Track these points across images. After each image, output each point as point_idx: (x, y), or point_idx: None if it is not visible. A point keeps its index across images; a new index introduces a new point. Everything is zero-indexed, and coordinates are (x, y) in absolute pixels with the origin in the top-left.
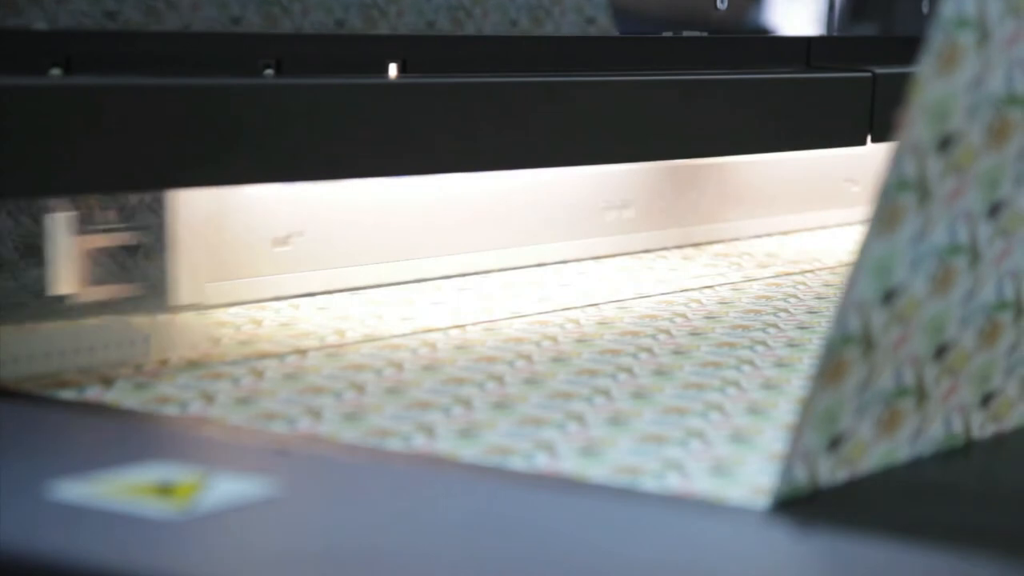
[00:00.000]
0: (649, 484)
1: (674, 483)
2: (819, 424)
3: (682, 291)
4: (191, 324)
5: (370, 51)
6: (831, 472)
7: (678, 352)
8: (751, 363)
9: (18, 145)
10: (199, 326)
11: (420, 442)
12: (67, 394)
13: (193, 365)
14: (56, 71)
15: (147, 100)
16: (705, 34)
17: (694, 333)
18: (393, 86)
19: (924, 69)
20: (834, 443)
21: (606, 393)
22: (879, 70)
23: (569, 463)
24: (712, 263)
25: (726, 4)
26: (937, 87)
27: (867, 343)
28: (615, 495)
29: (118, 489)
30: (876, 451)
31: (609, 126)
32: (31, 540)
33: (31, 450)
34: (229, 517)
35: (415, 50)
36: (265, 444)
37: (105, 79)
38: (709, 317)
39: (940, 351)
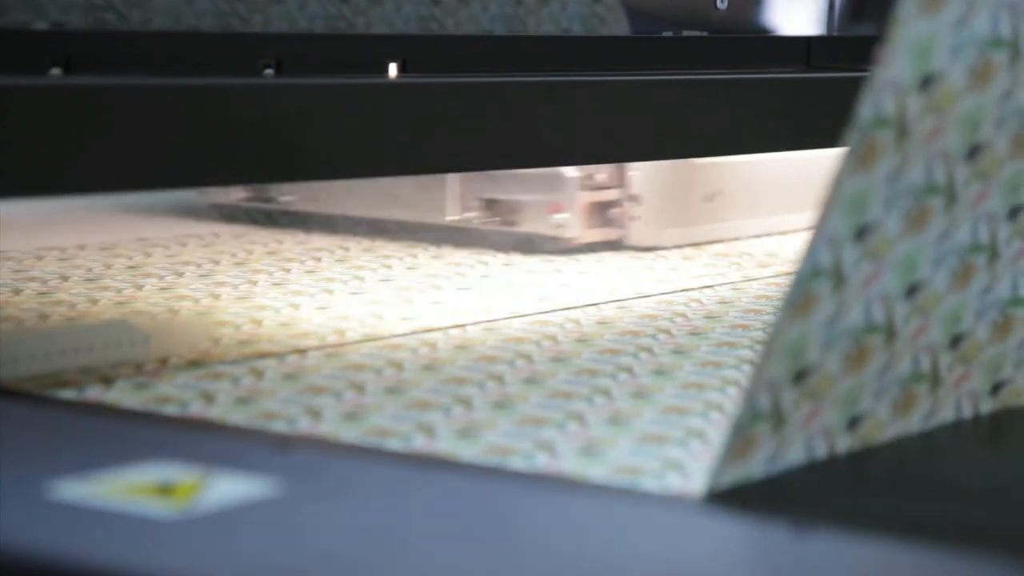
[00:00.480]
0: (649, 484)
1: (674, 482)
2: (785, 355)
3: (682, 291)
4: (192, 324)
5: (370, 51)
6: (795, 404)
7: (678, 352)
8: (751, 363)
9: (18, 145)
10: (200, 326)
11: (420, 442)
12: (66, 394)
13: (193, 365)
14: (56, 71)
15: (147, 100)
16: (705, 34)
17: (694, 333)
18: (393, 86)
19: None
20: (799, 375)
21: (606, 393)
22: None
23: (569, 463)
24: (712, 263)
25: (726, 4)
26: (920, 26)
27: (837, 277)
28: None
29: (118, 489)
30: (843, 386)
31: (609, 126)
32: (31, 540)
33: (31, 450)
34: (229, 517)
35: (415, 50)
36: (265, 444)
37: (105, 79)
38: (709, 317)
39: (911, 290)
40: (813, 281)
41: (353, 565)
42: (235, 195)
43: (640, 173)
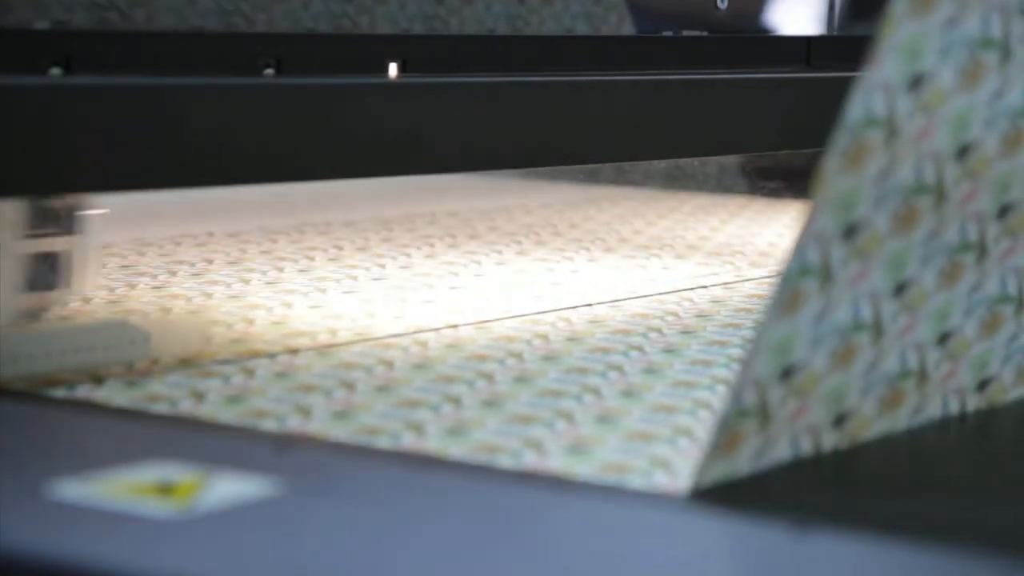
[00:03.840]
0: (636, 482)
1: (661, 480)
2: (772, 352)
3: (675, 291)
4: (190, 323)
5: (370, 51)
6: (782, 401)
7: (669, 351)
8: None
9: (18, 145)
10: (197, 325)
11: (408, 440)
12: (57, 392)
13: (184, 364)
14: (56, 71)
15: (147, 100)
16: (705, 34)
17: (685, 332)
18: (393, 86)
19: None
20: (786, 373)
21: (596, 391)
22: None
23: (557, 461)
24: (705, 262)
25: (726, 4)
26: (910, 27)
27: (825, 275)
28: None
29: (118, 489)
30: (830, 383)
31: (609, 126)
32: (31, 540)
33: (31, 450)
34: (229, 517)
35: (415, 50)
36: (265, 444)
37: (105, 79)
38: (700, 316)
39: (899, 289)
40: (801, 279)
41: (353, 565)
42: None
43: None
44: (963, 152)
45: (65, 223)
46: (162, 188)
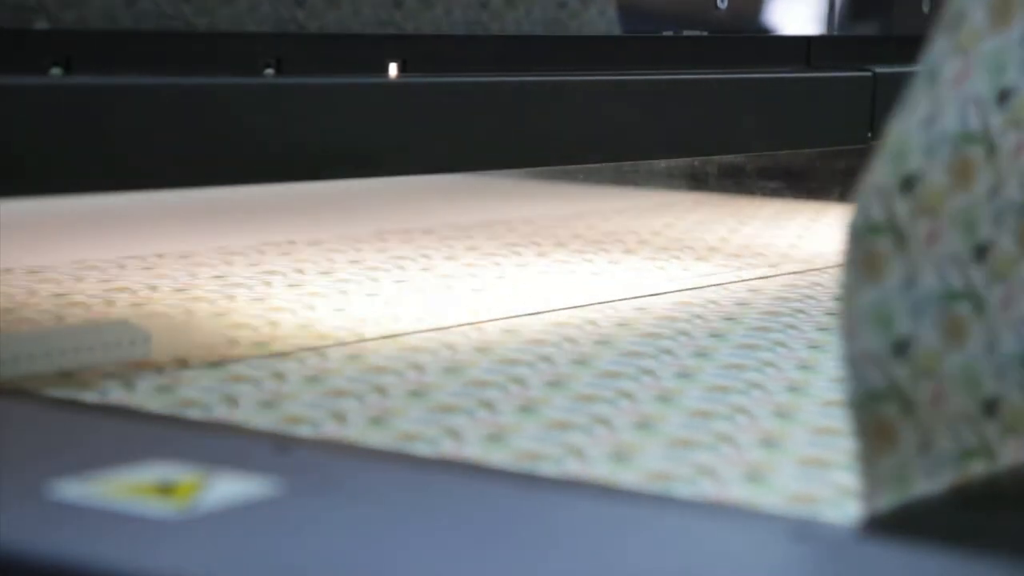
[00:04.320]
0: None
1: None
2: (890, 158)
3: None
4: (196, 325)
5: (370, 51)
6: (910, 218)
7: (700, 354)
8: (774, 365)
9: (18, 145)
10: (207, 326)
11: (448, 446)
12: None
13: (213, 366)
14: (56, 71)
15: (147, 100)
16: (705, 34)
17: (714, 335)
18: (393, 86)
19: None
20: (907, 182)
21: (631, 396)
22: (879, 70)
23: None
24: (724, 263)
25: (726, 4)
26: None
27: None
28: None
29: (118, 489)
30: (954, 203)
31: (609, 126)
32: (31, 540)
33: (31, 450)
34: (229, 517)
35: (415, 50)
36: (265, 444)
37: (105, 79)
38: (728, 319)
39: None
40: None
41: (353, 565)
42: None
43: None
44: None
45: None
46: (162, 188)
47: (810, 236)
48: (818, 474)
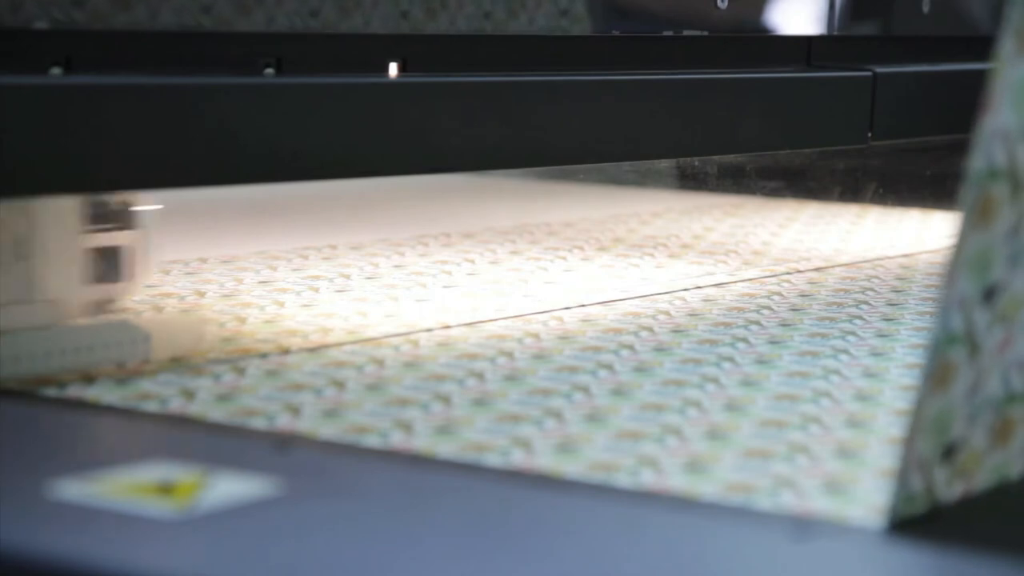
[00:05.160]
0: (624, 480)
1: (649, 479)
2: (931, 431)
3: (667, 292)
4: (190, 322)
5: (370, 50)
6: (947, 484)
7: (658, 350)
8: (732, 360)
9: (18, 145)
10: (198, 324)
11: (398, 438)
12: (51, 392)
13: (175, 362)
14: (56, 71)
15: (147, 100)
16: (705, 34)
17: (676, 331)
18: (393, 86)
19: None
20: (948, 452)
21: (585, 390)
22: (879, 70)
23: (545, 459)
24: (698, 260)
25: (726, 4)
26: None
27: (972, 345)
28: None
29: (118, 489)
30: (991, 461)
31: (609, 126)
32: (31, 540)
33: (31, 450)
34: (229, 517)
35: (415, 50)
36: (265, 444)
37: (105, 79)
38: (692, 315)
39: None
40: (949, 348)
41: (353, 565)
42: None
43: None
44: None
45: (123, 218)
46: (162, 188)
47: (851, 237)
48: None
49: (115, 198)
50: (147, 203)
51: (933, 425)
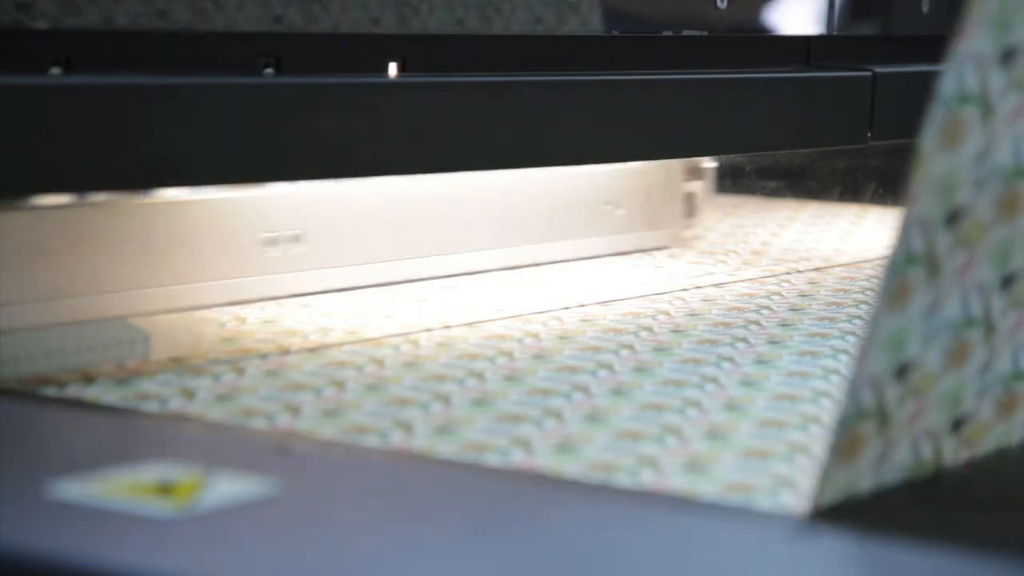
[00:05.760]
0: (623, 480)
1: (648, 479)
2: (885, 348)
3: (667, 292)
4: (190, 322)
5: (370, 50)
6: (899, 403)
7: (658, 350)
8: (732, 360)
9: (18, 145)
10: (198, 324)
11: (398, 438)
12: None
13: (175, 362)
14: (56, 71)
15: (147, 100)
16: (705, 34)
17: (676, 331)
18: (393, 86)
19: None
20: (901, 371)
21: (585, 390)
22: (879, 70)
23: (545, 459)
24: (698, 260)
25: (726, 4)
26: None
27: (932, 265)
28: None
29: (118, 489)
30: (944, 384)
31: (609, 126)
32: (31, 540)
33: (31, 450)
34: (229, 517)
35: (415, 50)
36: (265, 444)
37: (105, 79)
38: (692, 315)
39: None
40: (907, 268)
41: (353, 565)
42: None
43: None
44: (1006, 282)
45: (696, 173)
46: (162, 188)
47: (851, 237)
48: None
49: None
50: (710, 162)
51: (888, 343)
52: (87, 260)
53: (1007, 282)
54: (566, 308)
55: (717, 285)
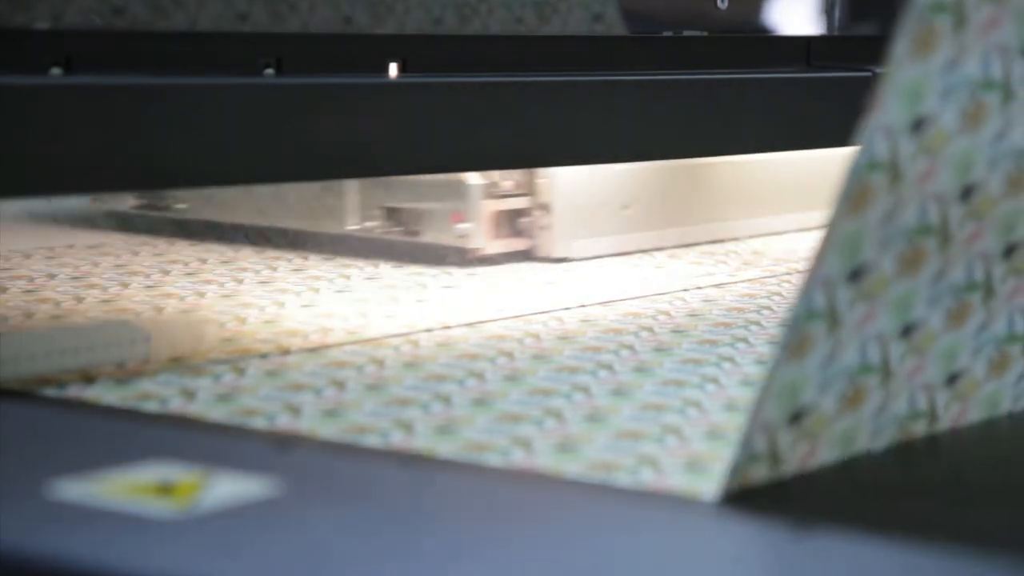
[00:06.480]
0: (624, 480)
1: (648, 478)
2: (781, 397)
3: (667, 292)
4: (191, 323)
5: (370, 50)
6: (791, 446)
7: (658, 350)
8: (732, 360)
9: (18, 145)
10: (198, 324)
11: (398, 438)
12: (51, 392)
13: (175, 362)
14: (56, 71)
15: (147, 100)
16: (705, 34)
17: (676, 331)
18: (393, 86)
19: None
20: (795, 417)
21: (585, 390)
22: (879, 70)
23: (545, 459)
24: (698, 260)
25: (726, 4)
26: (911, 70)
27: (832, 319)
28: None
29: (118, 489)
30: (839, 426)
31: (609, 126)
32: (31, 540)
33: (31, 450)
34: (229, 517)
35: (415, 50)
36: (265, 444)
37: (105, 79)
38: (692, 315)
39: (907, 330)
40: (808, 322)
41: (353, 565)
42: (129, 203)
43: (551, 181)
44: (967, 193)
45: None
46: (163, 188)
47: None
48: None
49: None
50: None
51: (784, 391)
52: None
53: (908, 330)
54: (566, 308)
55: (717, 285)
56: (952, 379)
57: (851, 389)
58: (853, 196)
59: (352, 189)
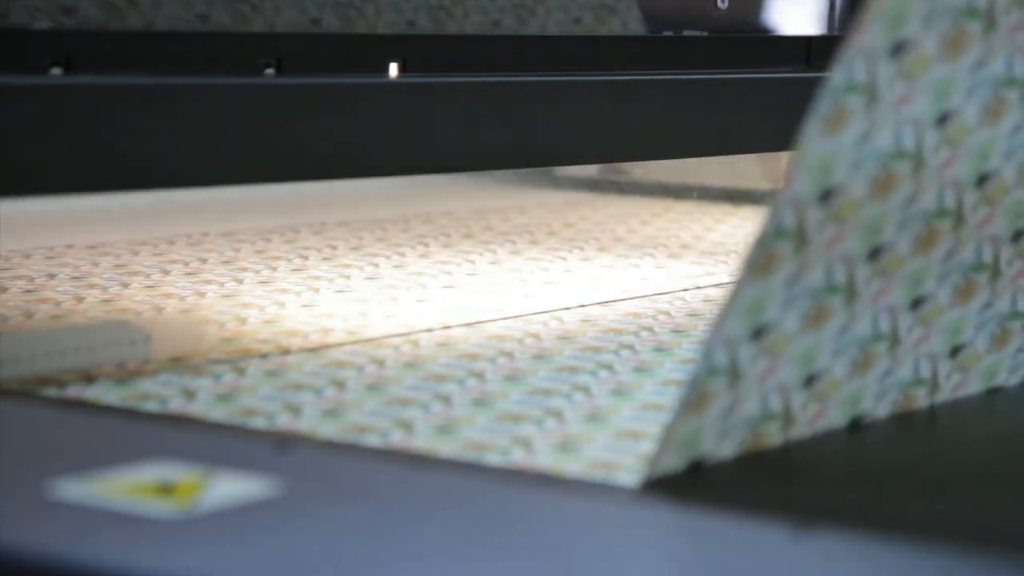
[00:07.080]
0: (625, 479)
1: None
2: (744, 313)
3: (667, 292)
4: (191, 323)
5: (371, 50)
6: (752, 361)
7: (659, 350)
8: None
9: (18, 145)
10: (198, 324)
11: (398, 438)
12: (52, 392)
13: (175, 362)
14: (56, 71)
15: (147, 100)
16: (705, 34)
17: (676, 331)
18: (393, 86)
19: None
20: (757, 333)
21: (585, 390)
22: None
23: (545, 459)
24: (698, 260)
25: (726, 4)
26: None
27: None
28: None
29: (118, 489)
30: (800, 344)
31: (609, 126)
32: (31, 540)
33: (31, 450)
34: (229, 517)
35: (415, 50)
36: (265, 444)
37: (105, 79)
38: (692, 315)
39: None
40: (776, 241)
41: (353, 565)
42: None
43: None
44: (943, 120)
45: None
46: (163, 188)
47: None
48: None
49: None
50: None
51: (747, 307)
52: None
53: (876, 253)
54: (566, 308)
55: (717, 285)
56: (955, 351)
57: (815, 308)
58: (829, 117)
59: None
